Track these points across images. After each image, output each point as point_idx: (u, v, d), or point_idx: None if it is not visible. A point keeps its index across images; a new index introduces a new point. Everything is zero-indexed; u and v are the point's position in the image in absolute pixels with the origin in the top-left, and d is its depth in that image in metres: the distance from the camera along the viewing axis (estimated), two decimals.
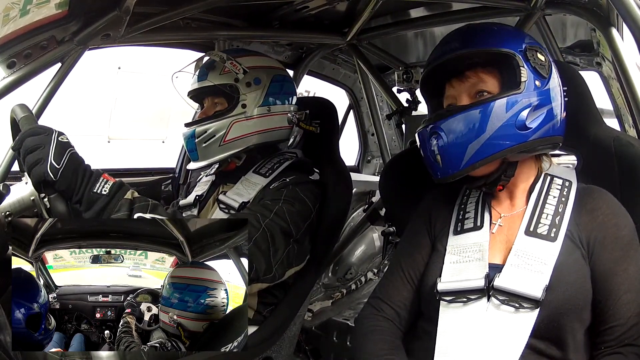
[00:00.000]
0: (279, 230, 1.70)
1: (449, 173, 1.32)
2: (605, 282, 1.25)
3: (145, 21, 1.95)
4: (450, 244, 1.40)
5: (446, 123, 1.30)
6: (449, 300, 1.31)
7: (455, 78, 1.37)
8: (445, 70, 1.38)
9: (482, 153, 1.28)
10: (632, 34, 1.40)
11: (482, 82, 1.34)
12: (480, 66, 1.34)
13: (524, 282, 1.24)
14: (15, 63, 1.68)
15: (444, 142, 1.30)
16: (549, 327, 1.22)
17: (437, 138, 1.31)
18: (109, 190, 1.50)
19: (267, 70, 1.96)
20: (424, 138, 1.36)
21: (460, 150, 1.29)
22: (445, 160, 1.31)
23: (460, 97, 1.36)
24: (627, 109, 1.84)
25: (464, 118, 1.29)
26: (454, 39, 1.38)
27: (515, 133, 1.28)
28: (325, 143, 2.10)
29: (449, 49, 1.35)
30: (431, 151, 1.33)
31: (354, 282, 3.42)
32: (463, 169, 1.30)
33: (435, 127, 1.31)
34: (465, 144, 1.28)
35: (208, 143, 1.87)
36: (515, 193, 1.40)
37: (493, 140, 1.28)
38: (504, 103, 1.28)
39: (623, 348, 1.21)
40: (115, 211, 1.47)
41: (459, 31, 1.41)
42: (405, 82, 2.97)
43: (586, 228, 1.29)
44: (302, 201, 1.79)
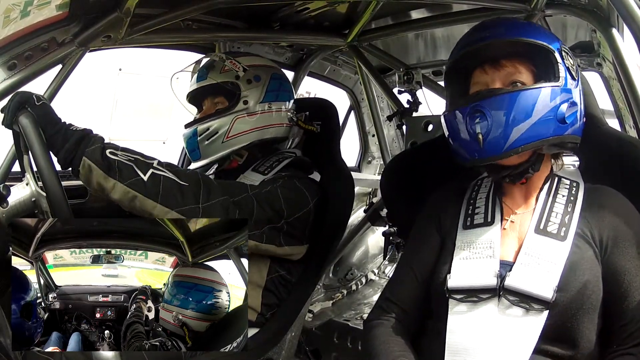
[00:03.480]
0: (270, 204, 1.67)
1: (491, 154, 1.30)
2: (617, 281, 1.24)
3: (146, 23, 1.95)
4: (460, 238, 1.38)
5: (493, 101, 1.28)
6: (458, 298, 1.29)
7: (490, 65, 1.34)
8: (477, 56, 1.36)
9: (526, 138, 1.27)
10: (633, 35, 1.41)
11: (518, 73, 1.33)
12: (517, 56, 1.33)
13: (535, 282, 1.23)
14: (16, 65, 1.69)
15: (490, 121, 1.27)
16: (560, 327, 1.21)
17: (480, 117, 1.28)
18: (84, 129, 1.49)
19: (266, 68, 1.98)
20: (460, 117, 1.32)
21: (506, 132, 1.27)
22: (489, 140, 1.28)
23: (493, 85, 1.33)
24: (627, 109, 1.83)
25: (512, 99, 1.27)
26: (495, 26, 1.36)
27: (556, 124, 1.29)
28: (326, 144, 2.10)
29: (490, 34, 1.34)
30: (471, 130, 1.29)
31: (354, 282, 3.42)
32: (505, 151, 1.28)
33: (480, 106, 1.28)
34: (511, 126, 1.27)
35: (211, 140, 1.88)
36: (528, 190, 1.39)
37: (537, 126, 1.27)
38: (549, 92, 1.28)
39: (634, 348, 1.20)
40: (89, 145, 1.45)
41: (496, 21, 1.41)
42: (406, 84, 2.96)
43: (598, 226, 1.29)
44: (299, 190, 1.78)
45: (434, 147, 1.87)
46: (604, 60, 2.24)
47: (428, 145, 1.97)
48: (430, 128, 2.89)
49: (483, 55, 1.35)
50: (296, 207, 1.76)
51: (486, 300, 1.27)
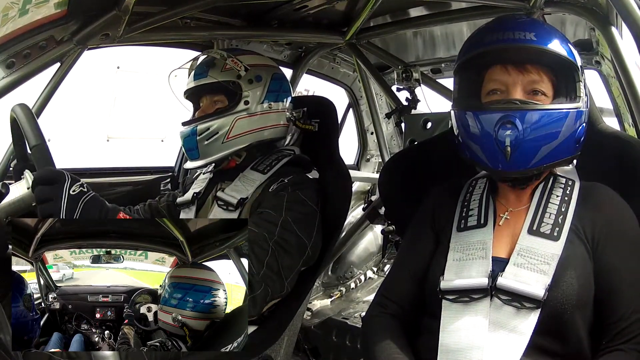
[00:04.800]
0: (294, 243, 1.69)
1: (516, 168, 1.30)
2: (608, 278, 1.25)
3: (144, 21, 1.95)
4: (454, 241, 1.39)
5: (527, 115, 1.26)
6: (451, 299, 1.31)
7: (514, 67, 1.32)
8: (501, 54, 1.34)
9: (550, 157, 1.30)
10: (632, 33, 1.41)
11: (541, 82, 1.32)
12: (542, 65, 1.32)
13: (527, 281, 1.24)
14: (14, 63, 1.68)
15: (520, 135, 1.26)
16: (552, 323, 1.22)
17: (511, 129, 1.26)
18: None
19: (267, 68, 1.97)
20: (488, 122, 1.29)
21: (535, 149, 1.28)
22: (517, 155, 1.27)
23: (515, 88, 1.32)
24: (626, 107, 1.84)
25: (545, 116, 1.27)
26: (527, 27, 1.32)
27: (573, 146, 1.33)
28: (325, 142, 2.10)
29: (524, 38, 1.30)
30: (499, 141, 1.27)
31: (353, 281, 3.43)
32: (529, 168, 1.30)
33: (511, 116, 1.26)
34: (540, 144, 1.28)
35: (210, 140, 1.87)
36: (524, 188, 1.39)
37: (561, 146, 1.30)
38: (575, 114, 1.30)
39: (625, 344, 1.20)
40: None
41: (530, 22, 1.38)
42: (405, 81, 2.97)
43: (590, 223, 1.30)
44: (304, 204, 1.77)
45: (433, 146, 1.88)
46: (602, 58, 2.24)
47: (427, 144, 1.97)
48: (429, 126, 2.90)
49: (508, 55, 1.34)
50: (308, 224, 1.76)
51: (478, 300, 1.28)
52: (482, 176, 1.51)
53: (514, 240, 1.32)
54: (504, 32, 1.33)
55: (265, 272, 1.62)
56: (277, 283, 1.66)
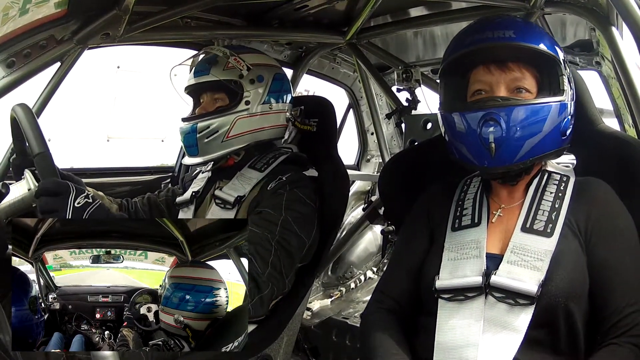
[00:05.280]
0: (295, 242, 1.72)
1: (501, 164, 1.31)
2: (601, 272, 1.25)
3: (145, 20, 1.94)
4: (449, 240, 1.40)
5: (510, 111, 1.27)
6: (447, 297, 1.32)
7: (496, 66, 1.34)
8: (482, 54, 1.35)
9: (534, 152, 1.30)
10: (632, 33, 1.41)
11: (524, 79, 1.33)
12: (524, 61, 1.34)
13: (520, 278, 1.25)
14: (14, 62, 1.68)
15: (503, 132, 1.27)
16: (546, 317, 1.23)
17: (494, 125, 1.27)
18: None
19: (269, 68, 1.97)
20: (471, 121, 1.30)
21: (518, 144, 1.29)
22: (501, 151, 1.29)
23: (498, 87, 1.33)
24: (627, 108, 1.84)
25: (527, 111, 1.28)
26: (506, 26, 1.33)
27: (559, 138, 1.34)
28: (323, 142, 2.10)
29: (502, 36, 1.31)
30: (483, 138, 1.29)
31: (353, 281, 3.43)
32: (514, 163, 1.30)
33: (494, 114, 1.28)
34: (524, 138, 1.28)
35: (210, 139, 1.86)
36: (516, 186, 1.40)
37: (545, 140, 1.30)
38: (558, 107, 1.31)
39: (618, 338, 1.21)
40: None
41: (501, 19, 1.38)
42: (405, 82, 2.97)
43: (583, 217, 1.30)
44: (303, 202, 1.78)
45: (433, 146, 1.87)
46: (603, 58, 2.24)
47: (426, 145, 1.97)
48: (429, 126, 2.89)
49: (489, 54, 1.35)
50: (308, 223, 1.78)
51: (473, 298, 1.29)
52: (476, 175, 1.51)
53: (508, 237, 1.33)
54: (483, 32, 1.35)
55: (270, 272, 1.65)
56: (281, 282, 1.70)
